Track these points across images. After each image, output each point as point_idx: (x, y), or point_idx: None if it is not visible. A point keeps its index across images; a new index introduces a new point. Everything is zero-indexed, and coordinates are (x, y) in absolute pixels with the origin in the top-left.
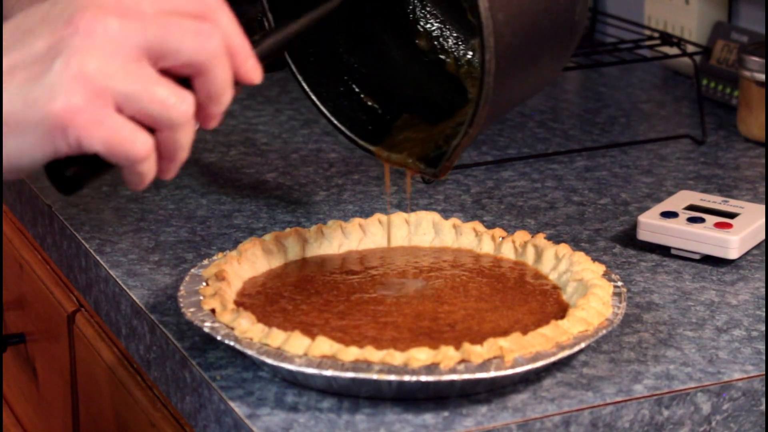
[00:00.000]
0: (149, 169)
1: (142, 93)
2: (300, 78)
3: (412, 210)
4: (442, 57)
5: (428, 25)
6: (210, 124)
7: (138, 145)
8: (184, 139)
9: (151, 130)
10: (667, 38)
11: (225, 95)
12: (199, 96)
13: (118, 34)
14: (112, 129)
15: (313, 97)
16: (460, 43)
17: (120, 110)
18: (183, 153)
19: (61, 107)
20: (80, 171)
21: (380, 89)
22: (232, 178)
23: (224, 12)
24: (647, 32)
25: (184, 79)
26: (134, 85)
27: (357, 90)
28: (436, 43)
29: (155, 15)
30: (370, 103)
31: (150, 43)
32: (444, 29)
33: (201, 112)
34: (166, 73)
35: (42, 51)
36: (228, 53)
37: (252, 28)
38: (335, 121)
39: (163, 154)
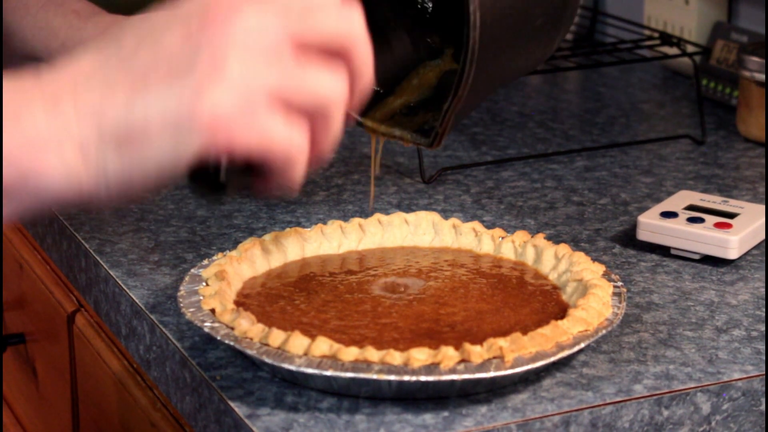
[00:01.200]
0: (303, 167)
1: (290, 81)
2: None
3: (412, 210)
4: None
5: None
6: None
7: (295, 141)
8: (338, 121)
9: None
10: (666, 38)
11: (370, 69)
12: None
13: (257, 26)
14: (265, 128)
15: None
16: None
17: (271, 105)
18: (334, 140)
19: (210, 111)
20: (231, 177)
21: (388, 77)
22: None
23: None
24: (647, 32)
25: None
26: (282, 76)
27: None
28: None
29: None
30: (375, 87)
31: (291, 30)
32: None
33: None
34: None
35: (177, 47)
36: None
37: None
38: None
39: (314, 146)
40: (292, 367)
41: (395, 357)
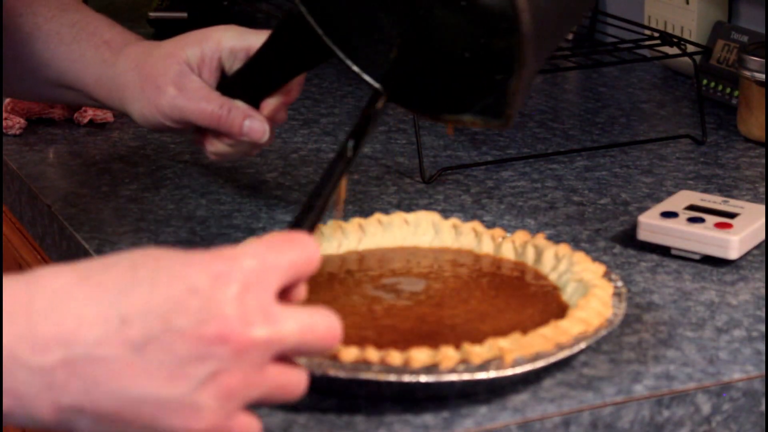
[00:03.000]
0: None
1: (270, 393)
2: (351, 64)
3: (412, 210)
4: None
5: None
6: None
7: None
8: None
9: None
10: (667, 38)
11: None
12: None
13: (262, 349)
14: (237, 425)
15: (368, 79)
16: None
17: (245, 409)
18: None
19: (204, 427)
20: None
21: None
22: (231, 178)
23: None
24: (647, 32)
25: None
26: (264, 389)
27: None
28: None
29: (292, 318)
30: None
31: (285, 350)
32: None
33: None
34: None
35: (184, 355)
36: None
37: None
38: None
39: None
40: None
41: (395, 357)
